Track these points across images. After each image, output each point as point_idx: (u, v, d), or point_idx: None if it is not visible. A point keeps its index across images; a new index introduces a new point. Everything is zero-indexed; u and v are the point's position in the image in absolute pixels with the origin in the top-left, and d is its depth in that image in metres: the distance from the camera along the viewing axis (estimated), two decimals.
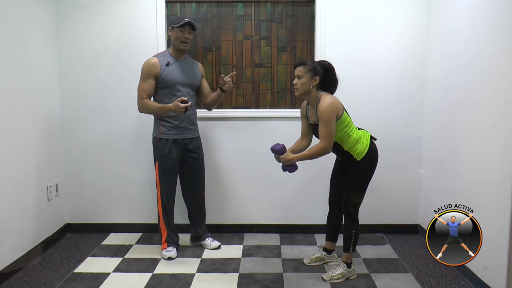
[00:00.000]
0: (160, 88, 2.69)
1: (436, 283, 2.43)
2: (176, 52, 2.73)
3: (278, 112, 3.17)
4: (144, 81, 2.66)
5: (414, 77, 3.08)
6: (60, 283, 2.41)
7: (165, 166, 2.74)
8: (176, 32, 2.65)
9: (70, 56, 3.09)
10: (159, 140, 2.73)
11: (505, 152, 2.08)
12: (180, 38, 2.65)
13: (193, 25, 2.67)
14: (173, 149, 2.72)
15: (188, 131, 2.76)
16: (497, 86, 2.18)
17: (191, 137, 2.78)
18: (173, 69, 2.68)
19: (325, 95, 2.32)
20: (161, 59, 2.68)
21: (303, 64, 2.34)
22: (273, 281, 2.45)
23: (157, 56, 2.70)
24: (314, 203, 3.14)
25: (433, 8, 2.96)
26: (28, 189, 2.73)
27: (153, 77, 2.65)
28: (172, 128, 2.70)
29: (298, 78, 2.35)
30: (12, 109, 2.55)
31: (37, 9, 2.84)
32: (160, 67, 2.65)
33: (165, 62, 2.67)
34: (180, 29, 2.64)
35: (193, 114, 2.78)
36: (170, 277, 2.50)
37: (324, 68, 2.35)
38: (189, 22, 2.63)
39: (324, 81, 2.36)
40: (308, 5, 3.12)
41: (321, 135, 2.29)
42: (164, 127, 2.71)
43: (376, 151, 2.43)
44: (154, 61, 2.66)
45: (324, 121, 2.26)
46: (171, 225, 2.86)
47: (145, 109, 2.68)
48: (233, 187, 3.21)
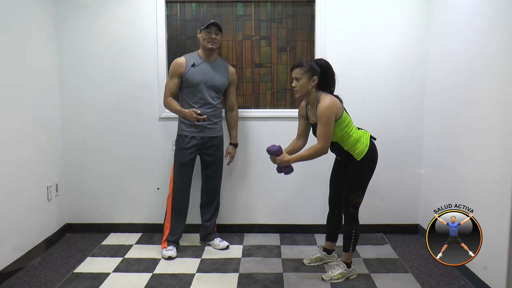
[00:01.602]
0: (184, 87, 2.76)
1: (436, 283, 2.43)
2: (204, 53, 2.77)
3: (278, 112, 3.17)
4: (170, 80, 2.76)
5: (414, 77, 3.08)
6: (60, 283, 2.41)
7: (180, 160, 2.79)
8: (203, 33, 2.72)
9: (70, 56, 3.09)
10: (179, 136, 2.81)
11: (505, 152, 2.08)
12: (207, 39, 2.71)
13: (219, 26, 2.71)
14: (190, 145, 2.76)
15: (208, 129, 2.79)
16: (497, 86, 2.18)
17: (211, 136, 2.81)
18: (198, 70, 2.73)
19: (324, 95, 2.31)
20: (188, 59, 2.75)
21: (299, 65, 2.33)
22: (273, 281, 2.45)
23: (185, 56, 2.78)
24: (314, 203, 3.14)
25: (433, 8, 2.96)
26: (28, 189, 2.73)
27: (178, 76, 2.73)
28: (191, 126, 2.77)
29: (296, 80, 2.35)
30: (12, 109, 2.55)
31: (37, 9, 2.84)
32: (185, 67, 2.72)
33: (191, 62, 2.73)
34: (206, 30, 2.70)
35: (215, 114, 2.81)
36: (170, 277, 2.50)
37: (321, 67, 2.34)
38: (215, 22, 2.69)
39: (322, 80, 2.35)
40: (308, 5, 3.12)
41: (319, 135, 2.28)
42: (184, 124, 2.79)
43: (376, 151, 2.42)
44: (181, 61, 2.74)
45: (323, 122, 2.26)
46: (178, 223, 2.84)
47: (168, 107, 2.80)
48: (233, 187, 3.21)
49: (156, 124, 3.13)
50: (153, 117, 3.13)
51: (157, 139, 3.15)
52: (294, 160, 2.34)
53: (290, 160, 2.34)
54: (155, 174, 3.18)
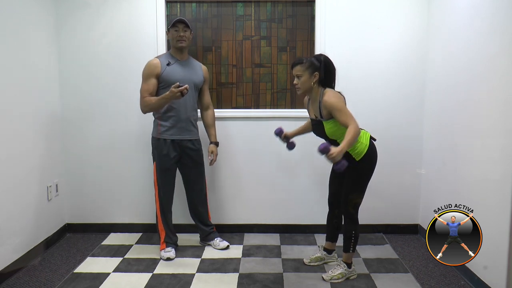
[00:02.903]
0: (161, 88, 2.70)
1: (436, 283, 2.43)
2: (176, 52, 2.76)
3: (278, 112, 3.17)
4: (145, 82, 2.69)
5: (414, 77, 3.08)
6: (60, 283, 2.41)
7: (163, 167, 2.75)
8: (172, 32, 2.71)
9: (70, 56, 3.09)
10: (157, 140, 2.75)
11: (505, 152, 2.08)
12: (176, 37, 2.69)
13: (185, 22, 2.69)
14: (171, 149, 2.73)
15: (187, 132, 2.76)
16: (497, 86, 2.18)
17: (190, 139, 2.78)
18: (173, 69, 2.71)
19: (328, 89, 2.33)
20: (162, 60, 2.72)
21: (300, 62, 2.34)
22: (273, 281, 2.45)
23: (158, 57, 2.75)
24: (314, 203, 3.14)
25: (433, 8, 2.96)
26: (28, 189, 2.73)
27: (155, 76, 2.68)
28: (170, 129, 2.72)
29: (297, 77, 2.35)
30: (12, 109, 2.55)
31: (37, 9, 2.84)
32: (161, 67, 2.68)
33: (166, 62, 2.71)
34: (174, 28, 2.69)
35: (192, 116, 2.78)
36: (170, 277, 2.50)
37: (321, 62, 2.34)
38: (181, 19, 2.67)
39: (323, 75, 2.33)
40: (308, 5, 3.12)
41: (344, 121, 2.21)
42: (162, 127, 2.72)
43: (375, 151, 2.42)
44: (155, 62, 2.70)
45: (338, 109, 2.23)
46: (169, 225, 2.86)
47: (147, 106, 2.67)
48: (233, 187, 3.21)
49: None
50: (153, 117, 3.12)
51: None
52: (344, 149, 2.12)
53: (342, 151, 2.11)
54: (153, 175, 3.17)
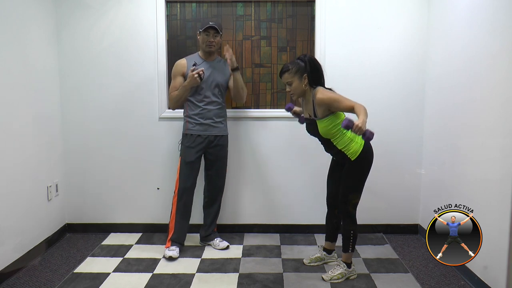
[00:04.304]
0: None
1: (436, 283, 2.43)
2: (204, 54, 2.83)
3: (278, 112, 3.16)
4: (173, 80, 2.81)
5: (414, 77, 3.08)
6: (60, 283, 2.41)
7: (186, 160, 2.81)
8: (202, 36, 2.77)
9: (71, 57, 3.09)
10: (185, 135, 2.83)
11: (505, 152, 2.08)
12: (206, 42, 2.76)
13: (216, 29, 2.75)
14: (196, 143, 2.79)
15: (213, 128, 2.82)
16: (497, 86, 2.18)
17: (216, 135, 2.84)
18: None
19: (319, 88, 2.35)
20: (188, 60, 2.82)
21: (286, 70, 2.36)
22: (273, 281, 2.45)
23: (186, 58, 2.85)
24: (314, 203, 3.14)
25: (433, 8, 2.96)
26: (28, 189, 2.73)
27: (181, 75, 2.79)
28: (197, 125, 2.80)
29: (288, 85, 2.38)
30: (12, 109, 2.55)
31: (37, 9, 2.84)
32: (187, 67, 2.78)
33: (192, 62, 2.78)
34: (205, 33, 2.75)
35: (219, 113, 2.84)
36: (170, 277, 2.50)
37: (306, 63, 2.34)
38: (213, 26, 2.73)
39: (312, 75, 2.35)
40: (308, 5, 3.12)
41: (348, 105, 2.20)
42: (190, 123, 2.82)
43: (371, 151, 2.40)
44: (183, 62, 2.82)
45: (336, 100, 2.25)
46: (182, 223, 2.84)
47: (172, 100, 2.78)
48: (233, 187, 3.21)
49: (156, 124, 3.14)
50: (153, 117, 3.13)
51: (157, 139, 3.15)
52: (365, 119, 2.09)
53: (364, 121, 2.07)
54: (155, 174, 3.18)
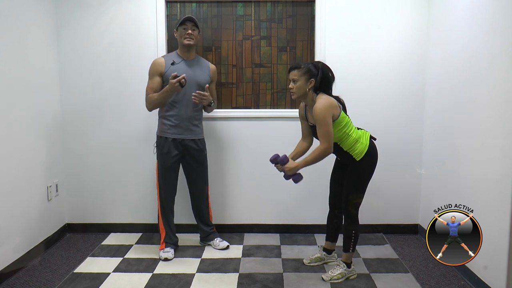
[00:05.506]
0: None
1: (436, 283, 2.43)
2: (183, 51, 2.75)
3: (278, 112, 3.17)
4: (150, 80, 2.71)
5: (414, 77, 3.08)
6: (60, 283, 2.41)
7: (164, 165, 2.76)
8: (180, 30, 2.70)
9: (71, 56, 3.09)
10: (159, 138, 2.75)
11: (505, 152, 2.08)
12: (183, 34, 2.68)
13: (194, 20, 2.69)
14: (172, 148, 2.72)
15: (189, 131, 2.75)
16: (497, 86, 2.18)
17: (192, 138, 2.77)
18: (177, 68, 2.69)
19: (320, 95, 2.30)
20: (166, 59, 2.73)
21: (297, 67, 2.33)
22: (273, 281, 2.45)
23: (164, 56, 2.76)
24: (314, 203, 3.14)
25: (433, 8, 2.96)
26: (28, 189, 2.73)
27: (159, 75, 2.69)
28: (172, 127, 2.71)
29: (293, 82, 2.34)
30: (12, 109, 2.55)
31: (37, 9, 2.84)
32: (165, 66, 2.69)
33: (170, 61, 2.71)
34: (182, 26, 2.69)
35: (195, 115, 2.77)
36: (170, 277, 2.50)
37: (319, 70, 2.32)
38: (190, 17, 2.67)
39: (320, 83, 2.32)
40: (308, 5, 3.12)
41: (320, 136, 2.27)
42: (165, 125, 2.73)
43: (375, 151, 2.42)
44: (160, 60, 2.72)
45: (320, 122, 2.24)
46: (170, 225, 2.86)
47: (151, 103, 2.68)
48: (233, 187, 3.21)
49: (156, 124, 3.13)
50: (153, 117, 3.12)
51: None
52: (301, 166, 2.31)
53: (298, 167, 2.30)
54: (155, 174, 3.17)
